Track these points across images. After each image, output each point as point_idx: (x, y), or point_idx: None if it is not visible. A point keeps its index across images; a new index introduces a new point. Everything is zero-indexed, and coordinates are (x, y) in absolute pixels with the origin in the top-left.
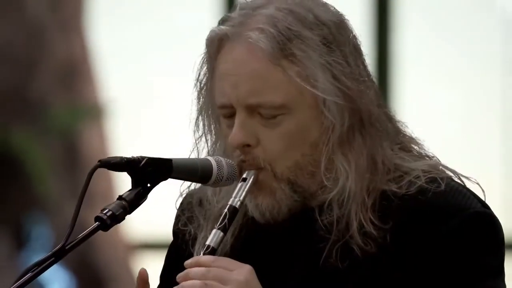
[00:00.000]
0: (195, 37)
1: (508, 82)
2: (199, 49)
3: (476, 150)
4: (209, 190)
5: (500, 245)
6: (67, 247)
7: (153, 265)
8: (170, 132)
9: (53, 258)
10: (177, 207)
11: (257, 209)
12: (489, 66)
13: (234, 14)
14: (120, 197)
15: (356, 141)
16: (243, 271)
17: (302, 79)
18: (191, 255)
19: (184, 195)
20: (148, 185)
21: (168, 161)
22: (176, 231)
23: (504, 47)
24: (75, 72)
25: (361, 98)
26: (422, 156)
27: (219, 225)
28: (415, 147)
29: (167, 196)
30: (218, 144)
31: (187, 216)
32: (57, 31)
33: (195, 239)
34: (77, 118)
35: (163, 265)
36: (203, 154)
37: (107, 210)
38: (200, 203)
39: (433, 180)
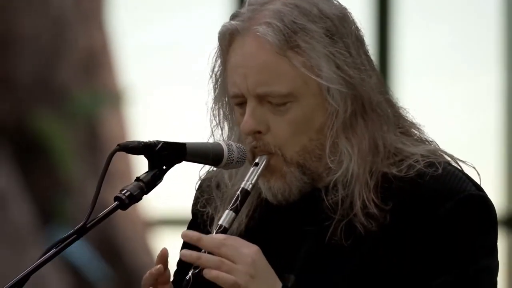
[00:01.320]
0: (209, 29)
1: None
2: (213, 41)
3: (475, 144)
4: (226, 174)
5: (493, 225)
6: (88, 225)
7: (170, 241)
8: (186, 118)
9: (75, 235)
10: (196, 189)
11: (269, 191)
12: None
13: (243, 10)
14: (138, 179)
15: (358, 126)
16: (251, 251)
17: (307, 69)
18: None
19: (203, 178)
20: (164, 167)
21: (182, 145)
22: (195, 212)
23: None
24: (96, 61)
25: (362, 85)
26: (422, 141)
27: (231, 206)
28: (416, 131)
29: (185, 175)
30: (234, 131)
31: (206, 198)
32: (79, 23)
33: (212, 219)
34: (98, 104)
35: (183, 243)
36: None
37: (125, 190)
38: (218, 186)
39: (431, 164)
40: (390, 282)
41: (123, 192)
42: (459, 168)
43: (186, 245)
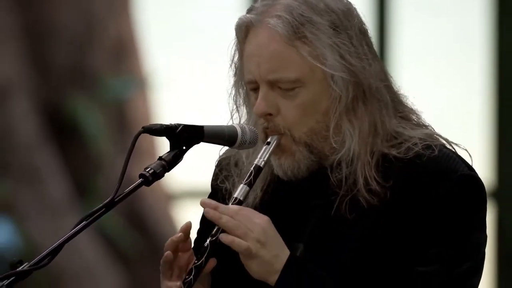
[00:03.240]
0: (227, 19)
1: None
2: (231, 30)
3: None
4: (243, 153)
5: (483, 202)
6: (116, 200)
7: (191, 212)
8: (207, 102)
9: (104, 209)
10: (216, 166)
11: (280, 168)
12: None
13: (257, 4)
14: (160, 158)
15: (359, 110)
16: (262, 221)
17: (313, 58)
18: None
19: (222, 157)
20: (184, 147)
21: (200, 128)
22: (214, 186)
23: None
24: (125, 49)
25: (363, 73)
26: (419, 125)
27: (245, 181)
28: (414, 116)
29: (206, 151)
30: (251, 115)
31: (225, 175)
32: (109, 14)
33: (230, 194)
34: (126, 88)
35: (202, 214)
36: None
37: (149, 168)
38: (236, 164)
39: (428, 146)
40: (390, 251)
41: (147, 170)
42: (453, 150)
43: (205, 218)
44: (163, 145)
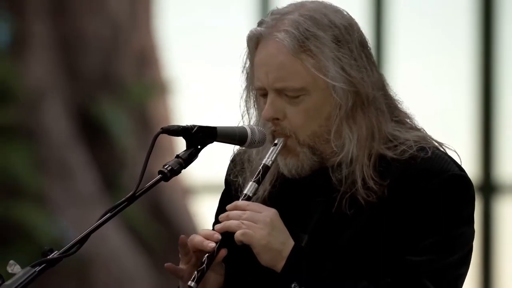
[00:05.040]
0: (239, 31)
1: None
2: (242, 41)
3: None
4: (254, 150)
5: (471, 200)
6: (137, 194)
7: (207, 205)
8: (219, 105)
9: (126, 202)
10: (230, 161)
11: (286, 167)
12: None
13: (267, 19)
14: (177, 156)
15: (358, 116)
16: (269, 213)
17: (316, 69)
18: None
19: (236, 153)
20: (199, 146)
21: (213, 129)
22: (228, 181)
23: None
24: (147, 57)
25: (361, 84)
26: (414, 128)
27: (254, 178)
28: (408, 120)
29: (221, 149)
30: (260, 116)
31: (238, 170)
32: (133, 26)
33: (242, 188)
34: (148, 93)
35: (217, 207)
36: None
37: (167, 165)
38: (249, 160)
39: (422, 148)
40: (385, 243)
41: (165, 167)
42: (445, 152)
43: (220, 211)
44: (180, 144)
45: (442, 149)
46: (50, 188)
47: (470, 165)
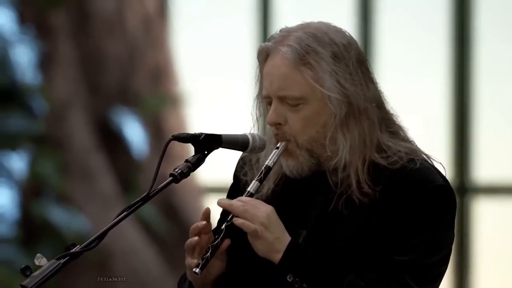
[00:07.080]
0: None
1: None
2: (248, 57)
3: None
4: (263, 153)
5: (453, 207)
6: (150, 195)
7: (215, 204)
8: (228, 115)
9: (141, 202)
10: (239, 159)
11: (287, 168)
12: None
13: (275, 35)
14: (187, 160)
15: (351, 125)
16: (266, 209)
17: (314, 81)
18: None
19: (245, 154)
20: (206, 152)
21: (218, 136)
22: (236, 178)
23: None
24: (162, 73)
25: (355, 96)
26: (406, 140)
27: (257, 177)
28: (401, 132)
29: (229, 153)
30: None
31: (246, 168)
32: (149, 44)
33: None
34: (163, 105)
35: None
36: (255, 130)
37: (177, 169)
38: (257, 161)
39: (411, 160)
40: (376, 242)
41: (175, 170)
42: (432, 163)
43: (224, 211)
44: (191, 150)
45: (430, 162)
46: (73, 189)
47: (446, 167)
